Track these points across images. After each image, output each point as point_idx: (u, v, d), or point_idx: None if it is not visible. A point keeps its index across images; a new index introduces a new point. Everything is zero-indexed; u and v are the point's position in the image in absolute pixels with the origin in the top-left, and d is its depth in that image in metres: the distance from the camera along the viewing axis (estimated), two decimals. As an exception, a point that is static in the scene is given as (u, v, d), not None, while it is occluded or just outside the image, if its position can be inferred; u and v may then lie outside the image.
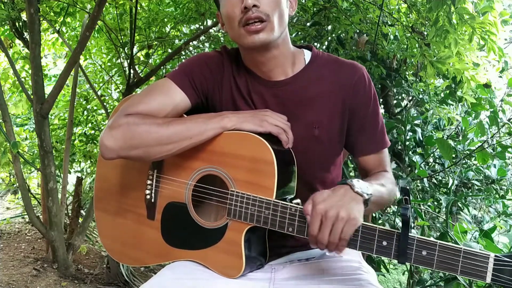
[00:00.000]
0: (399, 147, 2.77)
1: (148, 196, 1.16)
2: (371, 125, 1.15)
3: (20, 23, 2.54)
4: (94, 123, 3.46)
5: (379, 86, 2.93)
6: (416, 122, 2.78)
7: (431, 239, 0.88)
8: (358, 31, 2.62)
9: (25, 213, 3.04)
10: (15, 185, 4.20)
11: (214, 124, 1.06)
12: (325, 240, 0.89)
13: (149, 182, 1.16)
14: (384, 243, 0.91)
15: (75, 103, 3.01)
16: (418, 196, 2.69)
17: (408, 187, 0.89)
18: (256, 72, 1.13)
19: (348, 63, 1.14)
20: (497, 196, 2.78)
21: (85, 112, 3.46)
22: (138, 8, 2.78)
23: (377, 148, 1.16)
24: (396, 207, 2.43)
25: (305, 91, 1.11)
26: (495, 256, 0.83)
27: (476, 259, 0.84)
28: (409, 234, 0.88)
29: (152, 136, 1.04)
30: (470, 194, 2.79)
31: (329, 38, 2.89)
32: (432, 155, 2.79)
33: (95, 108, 3.50)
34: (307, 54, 1.16)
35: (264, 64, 1.11)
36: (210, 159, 1.08)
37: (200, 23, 3.02)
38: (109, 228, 1.25)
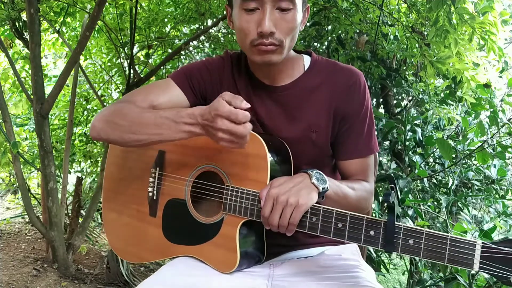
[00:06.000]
0: (399, 147, 2.77)
1: (150, 194, 1.18)
2: (356, 131, 1.15)
3: (20, 23, 2.54)
4: (94, 123, 3.45)
5: (379, 86, 2.93)
6: (416, 122, 2.78)
7: (418, 227, 0.88)
8: (358, 31, 2.62)
9: (25, 213, 3.04)
10: (15, 185, 4.20)
11: (184, 128, 0.98)
12: (275, 223, 0.95)
13: (151, 180, 1.18)
14: (372, 232, 0.91)
15: (75, 103, 3.01)
16: (418, 196, 2.69)
17: (392, 175, 0.89)
18: (258, 76, 1.15)
19: (345, 68, 1.15)
20: (497, 196, 2.77)
21: (85, 112, 3.46)
22: (138, 8, 2.78)
23: (357, 154, 1.16)
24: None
25: (303, 97, 1.13)
26: (483, 243, 0.82)
27: (463, 246, 0.83)
28: (396, 223, 0.88)
29: (133, 120, 1.04)
30: (470, 194, 2.79)
31: (329, 38, 2.89)
32: (432, 155, 2.79)
33: (95, 108, 3.50)
34: (307, 60, 1.17)
35: (267, 71, 1.13)
36: (208, 156, 1.10)
37: (200, 23, 3.02)
38: (114, 226, 1.28)
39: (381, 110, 3.06)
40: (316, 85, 1.13)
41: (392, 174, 0.91)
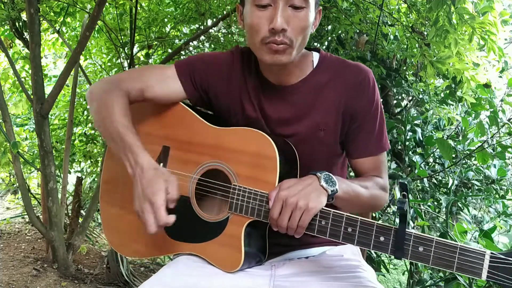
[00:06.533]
0: (399, 147, 2.77)
1: None
2: (367, 129, 1.14)
3: (20, 23, 2.54)
4: (94, 123, 3.45)
5: (379, 86, 2.93)
6: (416, 122, 2.78)
7: (428, 235, 0.88)
8: (358, 31, 2.62)
9: (25, 213, 3.04)
10: (15, 185, 4.20)
11: (126, 161, 1.04)
12: (284, 225, 0.95)
13: None
14: (382, 238, 0.92)
15: (75, 103, 3.01)
16: (418, 196, 2.69)
17: (406, 183, 0.89)
18: (266, 76, 1.14)
19: (353, 65, 1.14)
20: (497, 196, 2.78)
21: (85, 112, 3.46)
22: (138, 8, 2.78)
23: (370, 152, 1.16)
24: (396, 207, 2.42)
25: (312, 95, 1.12)
26: (491, 253, 0.84)
27: (472, 256, 0.85)
28: (407, 230, 0.89)
29: (106, 117, 1.08)
30: (470, 194, 2.79)
31: (329, 38, 2.89)
32: (432, 155, 2.79)
33: (95, 108, 3.49)
34: (315, 57, 1.16)
35: (276, 71, 1.12)
36: (215, 154, 1.10)
37: (200, 23, 3.02)
38: (112, 220, 1.25)
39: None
40: (325, 82, 1.12)
41: (405, 182, 0.93)
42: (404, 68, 2.78)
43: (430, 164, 2.86)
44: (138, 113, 1.21)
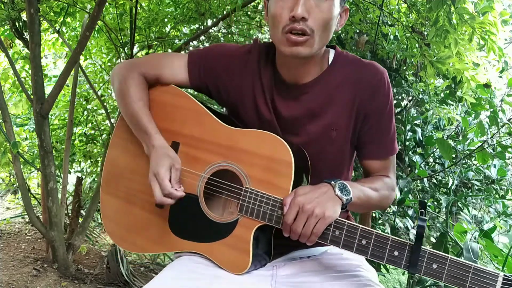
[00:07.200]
0: (399, 147, 2.78)
1: None
2: (381, 132, 1.14)
3: (20, 23, 2.54)
4: (94, 123, 3.46)
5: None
6: (416, 122, 2.78)
7: (443, 253, 0.90)
8: (358, 31, 2.62)
9: (25, 213, 3.04)
10: (15, 185, 4.20)
11: (142, 142, 1.17)
12: (299, 231, 0.95)
13: None
14: (396, 253, 0.93)
15: (75, 103, 3.01)
16: (418, 196, 2.69)
17: (425, 200, 0.91)
18: (282, 73, 1.13)
19: (369, 64, 1.12)
20: (497, 196, 2.78)
21: (85, 112, 3.46)
22: (138, 8, 2.78)
23: (383, 155, 1.16)
24: (396, 207, 2.44)
25: (326, 94, 1.11)
26: (504, 275, 0.85)
27: (485, 276, 0.86)
28: (422, 247, 0.90)
29: (125, 98, 1.18)
30: (470, 194, 2.79)
31: (329, 38, 2.88)
32: (432, 155, 2.79)
33: (95, 108, 3.50)
34: (331, 53, 1.15)
35: (293, 67, 1.11)
36: (227, 154, 1.09)
37: (200, 23, 3.02)
38: (114, 212, 1.23)
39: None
40: (339, 81, 1.11)
41: (425, 200, 0.96)
42: (404, 68, 2.78)
43: (430, 164, 2.86)
44: (149, 107, 1.20)
